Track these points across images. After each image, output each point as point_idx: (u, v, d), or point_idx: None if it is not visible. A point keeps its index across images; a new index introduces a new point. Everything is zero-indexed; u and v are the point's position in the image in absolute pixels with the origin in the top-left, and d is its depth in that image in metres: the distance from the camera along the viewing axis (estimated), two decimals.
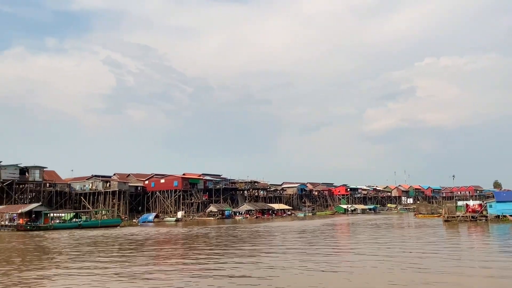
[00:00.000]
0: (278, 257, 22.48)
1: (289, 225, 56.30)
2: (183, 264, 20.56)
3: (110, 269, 19.49)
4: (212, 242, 31.91)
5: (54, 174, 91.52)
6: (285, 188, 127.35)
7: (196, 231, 47.24)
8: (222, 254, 24.17)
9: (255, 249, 26.26)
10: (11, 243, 35.46)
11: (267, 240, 32.53)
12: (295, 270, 18.18)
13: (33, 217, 55.60)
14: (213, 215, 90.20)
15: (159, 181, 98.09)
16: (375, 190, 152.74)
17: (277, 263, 20.22)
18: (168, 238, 38.06)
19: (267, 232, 42.73)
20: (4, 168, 66.65)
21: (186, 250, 27.47)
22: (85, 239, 38.20)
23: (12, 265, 21.66)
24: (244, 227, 53.13)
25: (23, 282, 16.71)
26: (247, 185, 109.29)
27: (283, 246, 28.01)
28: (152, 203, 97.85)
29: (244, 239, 34.34)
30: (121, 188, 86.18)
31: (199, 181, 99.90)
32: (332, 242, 31.33)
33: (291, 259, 21.04)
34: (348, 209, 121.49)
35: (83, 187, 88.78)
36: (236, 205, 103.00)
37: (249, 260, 20.96)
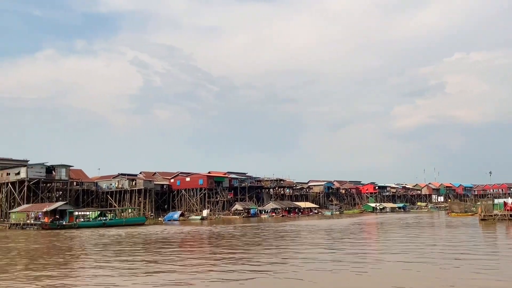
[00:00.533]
0: (307, 258, 20.76)
1: (316, 224, 54.36)
2: (208, 266, 19.08)
3: (132, 269, 18.21)
4: (236, 243, 30.40)
5: (81, 172, 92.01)
6: (311, 186, 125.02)
7: (221, 230, 45.88)
8: (248, 255, 22.61)
9: (283, 250, 24.61)
10: (34, 242, 34.91)
11: (295, 240, 30.81)
12: (325, 272, 16.49)
13: (56, 216, 55.35)
14: (239, 214, 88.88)
15: (184, 179, 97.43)
16: (404, 188, 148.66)
17: (307, 265, 18.55)
18: (192, 237, 36.76)
19: (294, 231, 41.00)
20: (31, 167, 66.88)
21: (210, 250, 26.04)
22: (106, 238, 37.31)
23: (32, 265, 20.70)
24: (270, 226, 51.51)
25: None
26: (273, 183, 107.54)
27: (311, 246, 26.23)
28: (178, 202, 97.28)
29: (271, 239, 32.71)
30: (147, 187, 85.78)
31: (224, 179, 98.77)
32: (363, 242, 29.37)
33: (321, 260, 19.33)
34: (377, 208, 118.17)
35: (109, 185, 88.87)
36: (262, 203, 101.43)
37: (277, 261, 19.36)
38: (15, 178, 66.75)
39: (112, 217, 63.12)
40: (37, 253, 26.72)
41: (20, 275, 17.79)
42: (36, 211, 56.11)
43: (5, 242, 35.28)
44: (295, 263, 19.27)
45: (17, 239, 38.50)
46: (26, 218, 56.05)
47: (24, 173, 65.86)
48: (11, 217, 59.20)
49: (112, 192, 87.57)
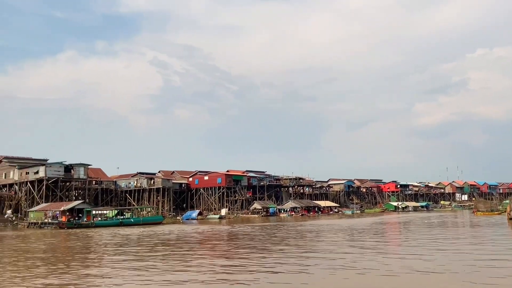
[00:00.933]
0: (331, 261, 19.24)
1: (337, 224, 52.61)
2: (223, 271, 17.73)
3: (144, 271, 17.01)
4: (256, 244, 29.00)
5: (100, 171, 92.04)
6: (331, 185, 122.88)
7: (239, 229, 44.55)
8: (266, 257, 21.19)
9: (305, 252, 23.10)
10: (48, 241, 34.20)
11: (316, 241, 29.27)
12: (349, 275, 14.97)
13: (74, 215, 54.91)
14: (257, 213, 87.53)
15: (202, 178, 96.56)
16: (427, 186, 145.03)
17: (330, 268, 17.06)
18: (207, 238, 35.50)
19: (314, 231, 39.42)
20: (49, 165, 66.80)
21: (228, 251, 24.71)
22: (117, 238, 36.37)
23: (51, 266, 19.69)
24: (290, 225, 49.99)
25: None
26: (292, 181, 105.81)
27: (334, 247, 24.64)
28: (196, 200, 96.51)
29: (291, 238, 31.20)
30: (165, 185, 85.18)
31: (243, 178, 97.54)
32: (388, 243, 27.63)
33: (344, 263, 17.80)
34: (399, 207, 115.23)
35: (128, 184, 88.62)
36: (281, 202, 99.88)
37: (299, 263, 17.92)
38: (34, 177, 66.78)
39: (130, 216, 62.60)
40: (47, 253, 25.86)
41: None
42: (53, 210, 55.79)
43: (12, 243, 34.63)
44: (316, 266, 17.79)
45: (27, 239, 37.91)
46: (44, 217, 55.79)
47: (43, 172, 65.81)
48: (30, 216, 59.07)
49: (131, 191, 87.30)
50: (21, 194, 68.68)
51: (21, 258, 22.85)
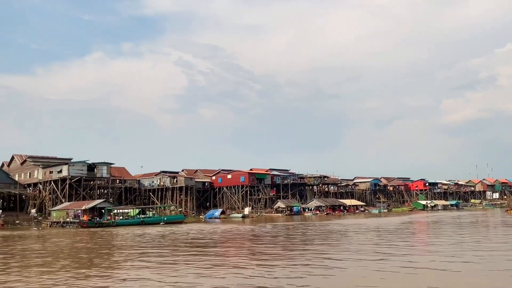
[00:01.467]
0: (362, 266, 17.33)
1: (363, 223, 50.32)
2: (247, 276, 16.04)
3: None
4: (281, 244, 27.22)
5: (124, 170, 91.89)
6: (357, 183, 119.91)
7: (262, 229, 42.83)
8: (296, 259, 19.40)
9: (333, 254, 21.20)
10: (65, 241, 33.25)
11: (343, 243, 27.29)
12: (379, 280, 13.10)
13: (95, 214, 54.28)
14: (281, 211, 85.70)
15: (226, 176, 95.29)
16: (457, 184, 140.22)
17: (365, 270, 15.20)
18: (230, 238, 33.88)
19: (340, 231, 37.36)
20: (72, 164, 66.57)
21: (250, 253, 23.01)
22: (138, 237, 35.16)
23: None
24: (315, 225, 47.99)
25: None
26: (316, 180, 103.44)
27: (363, 250, 22.62)
28: (220, 199, 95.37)
29: (316, 239, 29.29)
30: (188, 184, 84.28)
31: (266, 176, 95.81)
32: (419, 246, 25.40)
33: (375, 268, 15.89)
34: (428, 205, 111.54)
35: (151, 183, 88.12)
36: (305, 201, 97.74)
37: (328, 266, 16.11)
38: (57, 176, 66.67)
39: (153, 214, 61.78)
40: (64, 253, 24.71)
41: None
42: (75, 209, 55.30)
43: (33, 243, 33.80)
44: (344, 272, 15.92)
45: (48, 239, 37.12)
46: (66, 216, 55.38)
47: (66, 171, 65.61)
48: (52, 215, 58.83)
49: (154, 190, 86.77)
50: (45, 193, 68.73)
51: (47, 260, 21.74)
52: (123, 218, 56.53)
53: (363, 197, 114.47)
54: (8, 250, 26.71)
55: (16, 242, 33.21)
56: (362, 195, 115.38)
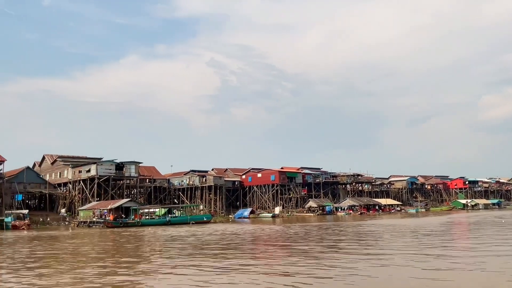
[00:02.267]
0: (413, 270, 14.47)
1: (400, 224, 46.74)
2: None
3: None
4: (316, 248, 24.48)
5: (154, 169, 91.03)
6: (392, 182, 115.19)
7: (293, 229, 40.12)
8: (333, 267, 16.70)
9: (377, 259, 18.34)
10: (89, 241, 31.62)
11: (380, 246, 24.26)
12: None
13: (120, 213, 52.97)
14: (313, 211, 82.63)
15: (256, 175, 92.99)
16: (498, 182, 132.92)
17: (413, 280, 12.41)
18: (256, 240, 31.34)
19: (375, 233, 34.20)
20: (101, 164, 65.81)
21: (279, 260, 20.38)
22: (148, 239, 33.18)
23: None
24: (349, 225, 44.90)
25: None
26: (350, 178, 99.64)
27: (404, 255, 19.57)
28: (250, 198, 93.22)
29: (352, 242, 26.37)
30: (217, 183, 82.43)
31: (297, 175, 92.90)
32: (468, 251, 22.06)
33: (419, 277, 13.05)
34: (468, 204, 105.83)
35: (181, 182, 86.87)
36: (338, 200, 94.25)
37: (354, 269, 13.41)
38: (86, 175, 66.08)
39: (180, 214, 60.15)
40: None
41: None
42: (101, 208, 54.22)
43: (61, 243, 32.33)
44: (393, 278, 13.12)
45: (74, 239, 35.71)
46: (92, 216, 54.41)
47: (94, 170, 64.90)
48: (80, 215, 58.07)
49: (184, 189, 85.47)
50: (74, 192, 68.35)
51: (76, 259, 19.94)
52: (150, 217, 55.05)
53: (399, 196, 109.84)
54: (14, 254, 25.14)
55: (31, 243, 31.87)
56: (398, 194, 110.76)
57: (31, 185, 67.03)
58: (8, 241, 33.41)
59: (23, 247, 28.39)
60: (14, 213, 52.04)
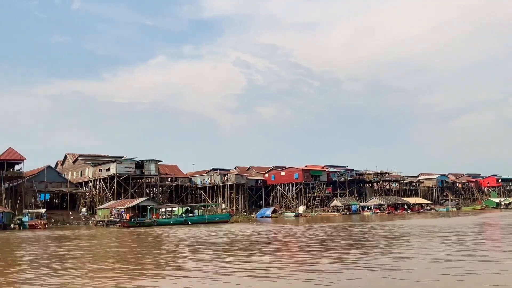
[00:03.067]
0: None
1: (431, 224, 43.39)
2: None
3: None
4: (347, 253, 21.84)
5: (176, 168, 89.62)
6: (422, 180, 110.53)
7: (317, 230, 37.45)
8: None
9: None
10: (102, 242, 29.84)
11: (410, 252, 21.38)
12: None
13: (136, 212, 51.39)
14: (338, 210, 79.46)
15: (279, 173, 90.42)
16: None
17: None
18: (270, 243, 28.83)
19: (405, 234, 31.18)
20: (120, 162, 64.61)
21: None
22: (147, 239, 31.08)
23: None
24: (374, 226, 41.90)
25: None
26: (377, 176, 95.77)
27: (439, 262, 16.73)
28: (273, 197, 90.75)
29: (385, 247, 23.56)
30: (239, 182, 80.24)
31: (322, 173, 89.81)
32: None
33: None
34: (501, 203, 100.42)
35: (202, 180, 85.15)
36: (364, 199, 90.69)
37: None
38: (106, 174, 65.09)
39: (201, 213, 58.23)
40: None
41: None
42: (118, 207, 52.78)
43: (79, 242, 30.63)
44: None
45: (88, 239, 34.07)
46: (110, 215, 53.05)
47: (114, 168, 63.77)
48: (98, 214, 56.89)
49: (205, 188, 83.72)
50: (95, 191, 67.47)
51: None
52: (169, 216, 53.29)
53: (428, 195, 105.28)
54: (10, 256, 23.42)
55: (34, 244, 30.30)
56: (427, 193, 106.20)
57: (52, 184, 66.46)
58: (11, 241, 32.02)
59: (24, 247, 26.77)
60: (31, 212, 51.15)
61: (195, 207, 59.65)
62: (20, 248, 27.00)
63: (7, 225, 47.78)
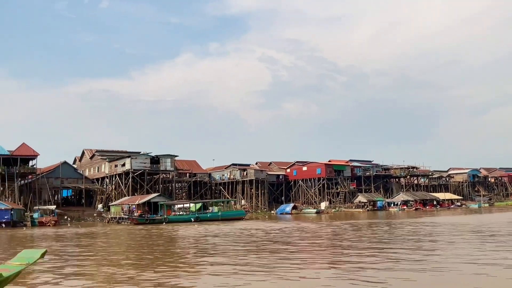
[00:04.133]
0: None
1: (462, 222, 39.05)
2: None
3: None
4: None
5: (195, 163, 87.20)
6: (452, 175, 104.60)
7: (338, 228, 33.81)
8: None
9: None
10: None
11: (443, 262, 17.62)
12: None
13: (146, 209, 48.78)
14: (362, 206, 75.18)
15: (301, 168, 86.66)
16: None
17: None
18: (279, 246, 25.32)
19: (434, 234, 27.24)
20: (135, 157, 62.33)
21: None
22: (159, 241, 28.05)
23: None
24: (400, 223, 37.92)
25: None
26: (404, 171, 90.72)
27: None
28: (295, 193, 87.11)
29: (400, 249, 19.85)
30: (258, 177, 76.93)
31: (346, 168, 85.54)
32: None
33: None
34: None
35: (222, 176, 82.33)
36: (391, 194, 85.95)
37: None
38: (121, 169, 62.99)
39: (219, 209, 55.20)
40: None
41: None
42: (129, 204, 50.35)
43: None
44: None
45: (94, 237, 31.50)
46: (121, 211, 50.67)
47: (129, 164, 61.56)
48: (111, 211, 54.69)
49: (225, 183, 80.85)
50: (111, 187, 65.55)
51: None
52: (180, 214, 50.53)
53: (459, 190, 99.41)
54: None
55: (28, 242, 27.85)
56: (458, 188, 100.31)
57: (69, 180, 64.86)
58: (2, 240, 29.71)
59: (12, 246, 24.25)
60: (42, 209, 49.25)
61: (209, 203, 56.44)
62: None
63: (16, 222, 46.05)
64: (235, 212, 52.51)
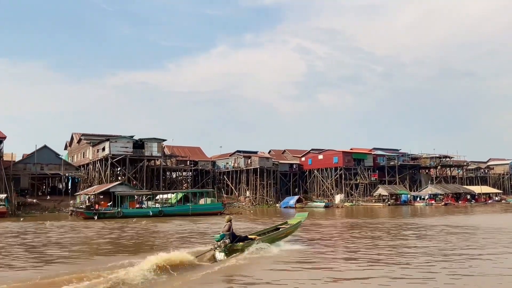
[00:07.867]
0: None
1: (503, 226, 26.75)
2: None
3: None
4: None
5: (198, 150, 77.17)
6: (491, 166, 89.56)
7: (345, 229, 22.58)
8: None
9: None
10: None
11: None
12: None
13: (96, 200, 38.72)
14: (383, 200, 62.70)
15: (316, 157, 74.70)
16: None
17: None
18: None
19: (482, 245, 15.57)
20: (114, 141, 52.65)
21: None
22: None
23: None
24: (417, 224, 26.17)
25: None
26: (434, 161, 76.84)
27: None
28: (310, 184, 75.39)
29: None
30: (263, 165, 65.68)
31: (367, 157, 72.84)
32: None
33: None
34: None
35: (226, 164, 71.78)
36: (419, 186, 72.70)
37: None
38: (102, 155, 53.66)
39: (211, 201, 44.75)
40: None
41: None
42: (87, 194, 40.58)
43: None
44: None
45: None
46: (80, 203, 41.05)
47: (108, 148, 52.09)
48: (77, 201, 45.20)
49: (229, 172, 70.25)
50: (94, 174, 56.46)
51: None
52: (160, 206, 40.42)
53: (499, 183, 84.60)
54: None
55: None
56: (498, 181, 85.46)
57: (49, 166, 56.23)
58: None
59: None
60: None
61: (196, 194, 45.74)
62: None
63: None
64: (208, 206, 41.51)
